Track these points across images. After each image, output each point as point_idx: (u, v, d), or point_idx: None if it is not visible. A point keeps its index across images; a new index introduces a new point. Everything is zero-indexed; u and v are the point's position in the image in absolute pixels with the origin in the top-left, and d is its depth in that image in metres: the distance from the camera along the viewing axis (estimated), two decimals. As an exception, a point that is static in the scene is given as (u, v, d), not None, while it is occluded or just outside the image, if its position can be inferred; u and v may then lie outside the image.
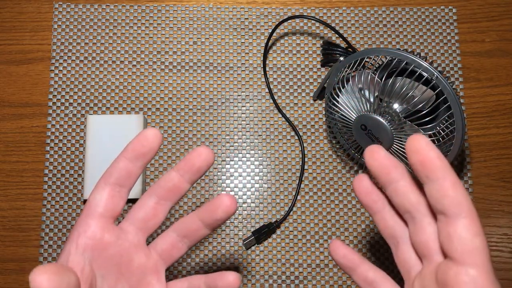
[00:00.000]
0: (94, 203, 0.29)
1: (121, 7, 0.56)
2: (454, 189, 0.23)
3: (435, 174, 0.23)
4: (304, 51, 0.56)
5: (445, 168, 0.23)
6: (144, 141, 0.28)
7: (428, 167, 0.23)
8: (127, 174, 0.29)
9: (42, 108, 0.54)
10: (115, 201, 0.29)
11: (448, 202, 0.23)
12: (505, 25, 0.57)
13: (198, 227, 0.31)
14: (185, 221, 0.31)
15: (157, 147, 0.29)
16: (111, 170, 0.29)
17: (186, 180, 0.30)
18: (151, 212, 0.30)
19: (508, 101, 0.55)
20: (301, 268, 0.51)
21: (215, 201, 0.30)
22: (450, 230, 0.23)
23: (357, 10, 0.57)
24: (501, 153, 0.54)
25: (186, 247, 0.32)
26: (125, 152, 0.29)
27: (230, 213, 0.30)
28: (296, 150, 0.54)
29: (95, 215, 0.29)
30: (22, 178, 0.52)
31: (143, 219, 0.30)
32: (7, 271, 0.50)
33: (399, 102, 0.44)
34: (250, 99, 0.55)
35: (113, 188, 0.29)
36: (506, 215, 0.52)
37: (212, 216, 0.30)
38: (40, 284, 0.22)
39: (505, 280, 0.51)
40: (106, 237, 0.29)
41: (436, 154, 0.23)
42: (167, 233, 0.31)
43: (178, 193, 0.30)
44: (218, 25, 0.56)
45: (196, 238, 0.31)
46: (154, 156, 0.29)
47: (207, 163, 0.29)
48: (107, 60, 0.55)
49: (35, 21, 0.56)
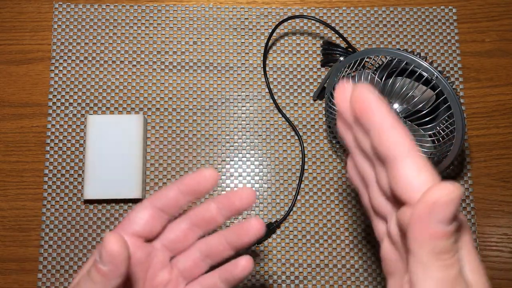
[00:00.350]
0: (134, 220, 0.29)
1: (121, 7, 0.56)
2: (391, 132, 0.22)
3: (374, 120, 0.23)
4: (304, 51, 0.56)
5: (382, 113, 0.22)
6: (201, 180, 0.29)
7: (366, 113, 0.23)
8: (175, 203, 0.29)
9: (42, 108, 0.54)
10: (154, 224, 0.30)
11: (386, 145, 0.22)
12: (505, 25, 0.57)
13: (224, 248, 0.31)
14: (210, 242, 0.31)
15: (211, 188, 0.29)
16: (161, 195, 0.29)
17: (223, 215, 0.30)
18: (182, 236, 0.31)
19: (508, 101, 0.55)
20: (301, 268, 0.51)
21: (244, 225, 0.30)
22: (394, 173, 0.22)
23: (357, 10, 0.57)
24: (501, 153, 0.54)
25: (207, 266, 0.32)
26: (180, 184, 0.29)
27: (259, 236, 0.30)
28: (296, 150, 0.54)
29: (130, 231, 0.29)
30: (22, 178, 0.52)
31: (173, 241, 0.31)
32: (7, 271, 0.50)
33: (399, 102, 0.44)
34: (250, 99, 0.55)
35: (156, 211, 0.29)
36: (506, 215, 0.52)
37: (241, 240, 0.30)
38: (113, 246, 0.24)
39: (505, 280, 0.51)
40: (138, 254, 0.29)
41: (374, 99, 0.23)
42: (190, 251, 0.32)
43: (211, 224, 0.31)
44: (218, 25, 0.56)
45: (220, 259, 0.31)
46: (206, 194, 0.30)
47: (247, 205, 0.30)
48: (107, 60, 0.55)
49: (35, 21, 0.56)
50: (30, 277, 0.50)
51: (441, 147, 0.44)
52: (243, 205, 0.29)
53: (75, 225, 0.51)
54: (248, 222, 0.30)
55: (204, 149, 0.53)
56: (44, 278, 0.50)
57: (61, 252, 0.51)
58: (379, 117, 0.22)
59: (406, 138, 0.22)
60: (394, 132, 0.22)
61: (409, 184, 0.21)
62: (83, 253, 0.51)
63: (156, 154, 0.53)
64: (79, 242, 0.51)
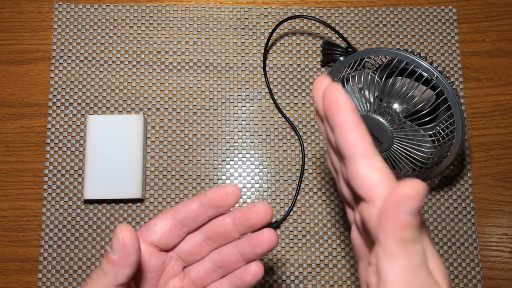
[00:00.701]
0: (153, 229, 0.29)
1: (121, 7, 0.56)
2: (351, 131, 0.23)
3: (338, 118, 0.24)
4: (304, 51, 0.56)
5: (346, 112, 0.24)
6: (224, 196, 0.29)
7: (332, 111, 0.24)
8: (195, 217, 0.30)
9: (42, 108, 0.54)
10: (172, 237, 0.30)
11: (346, 144, 0.23)
12: (505, 25, 0.57)
13: (237, 259, 0.31)
14: (223, 253, 0.31)
15: (233, 204, 0.29)
16: (182, 207, 0.30)
17: (238, 230, 0.30)
18: (196, 248, 0.31)
19: (508, 101, 0.55)
20: (301, 268, 0.51)
21: (258, 236, 0.30)
22: (352, 171, 0.24)
23: (357, 10, 0.57)
24: (501, 153, 0.54)
25: (219, 276, 0.32)
26: (203, 198, 0.29)
27: (272, 247, 0.30)
28: (296, 150, 0.54)
29: (148, 240, 0.29)
30: (22, 178, 0.52)
31: (187, 252, 0.31)
32: (7, 271, 0.50)
33: (399, 102, 0.44)
34: (250, 99, 0.55)
35: (176, 224, 0.30)
36: (506, 215, 0.52)
37: (254, 251, 0.30)
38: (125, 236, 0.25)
39: (505, 280, 0.51)
40: (153, 262, 0.30)
41: (342, 98, 0.24)
42: (203, 261, 0.32)
43: (226, 239, 0.31)
44: (218, 25, 0.56)
45: (232, 270, 0.31)
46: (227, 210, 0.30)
47: (263, 222, 0.30)
48: (107, 60, 0.55)
49: (35, 21, 0.56)
50: (30, 277, 0.50)
51: (441, 147, 0.44)
52: (259, 221, 0.30)
53: (75, 225, 0.51)
54: (262, 234, 0.30)
55: (204, 149, 0.53)
56: (44, 278, 0.50)
57: (61, 252, 0.51)
58: (342, 116, 0.24)
59: (365, 139, 0.24)
60: (354, 133, 0.23)
61: (363, 181, 0.23)
62: (83, 253, 0.51)
63: (156, 154, 0.53)
64: (79, 242, 0.51)
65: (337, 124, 0.24)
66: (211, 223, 0.31)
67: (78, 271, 0.50)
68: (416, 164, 0.45)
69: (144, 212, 0.52)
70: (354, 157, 0.23)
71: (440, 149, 0.44)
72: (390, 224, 0.21)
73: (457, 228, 0.52)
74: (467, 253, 0.51)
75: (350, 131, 0.23)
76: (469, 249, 0.51)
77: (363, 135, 0.23)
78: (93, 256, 0.51)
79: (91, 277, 0.27)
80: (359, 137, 0.23)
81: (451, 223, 0.52)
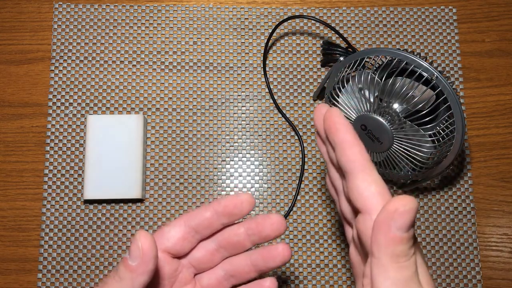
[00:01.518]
0: (167, 236, 0.30)
1: (121, 7, 0.56)
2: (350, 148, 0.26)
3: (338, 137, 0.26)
4: (304, 51, 0.56)
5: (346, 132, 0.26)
6: (238, 204, 0.29)
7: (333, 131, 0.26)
8: (208, 225, 0.30)
9: (42, 108, 0.54)
10: (185, 244, 0.30)
11: (345, 159, 0.26)
12: (505, 25, 0.57)
13: (250, 270, 0.31)
14: (236, 262, 0.31)
15: (246, 213, 0.30)
16: (196, 214, 0.30)
17: (250, 241, 0.31)
18: (209, 256, 0.31)
19: (508, 101, 0.55)
20: (301, 268, 0.51)
21: (272, 250, 0.30)
22: (350, 185, 0.25)
23: (357, 10, 0.57)
24: (501, 153, 0.54)
25: (230, 285, 0.32)
26: (217, 205, 0.30)
27: (285, 262, 0.31)
28: (296, 150, 0.54)
29: (162, 247, 0.30)
30: (22, 178, 0.52)
31: (199, 259, 0.31)
32: (7, 271, 0.50)
33: (399, 102, 0.44)
34: (250, 99, 0.55)
35: (189, 231, 0.30)
36: (506, 215, 0.52)
37: (267, 264, 0.31)
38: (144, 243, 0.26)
39: (505, 280, 0.51)
40: (165, 269, 0.30)
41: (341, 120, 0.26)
42: (216, 269, 0.32)
43: (238, 249, 0.31)
44: (218, 25, 0.56)
45: (243, 280, 0.32)
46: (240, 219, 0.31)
47: (276, 234, 0.30)
48: (107, 60, 0.55)
49: (35, 21, 0.56)
50: (30, 277, 0.50)
51: (441, 147, 0.44)
52: (273, 233, 0.30)
53: (75, 225, 0.51)
54: (276, 248, 0.30)
55: (204, 149, 0.53)
56: (44, 278, 0.50)
57: (61, 252, 0.51)
58: (342, 135, 0.26)
59: (363, 154, 0.26)
60: (354, 149, 0.26)
61: (361, 194, 0.25)
62: (83, 253, 0.51)
63: (156, 154, 0.53)
64: (79, 242, 0.51)
65: (337, 142, 0.26)
66: (224, 231, 0.31)
67: (78, 271, 0.50)
68: (416, 164, 0.45)
69: (144, 212, 0.52)
70: (353, 172, 0.25)
71: (440, 149, 0.44)
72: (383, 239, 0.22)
73: (457, 228, 0.52)
74: (467, 253, 0.51)
75: (349, 148, 0.26)
76: (469, 249, 0.51)
77: (361, 152, 0.26)
78: (93, 256, 0.51)
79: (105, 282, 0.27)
80: (358, 153, 0.25)
81: (451, 223, 0.52)
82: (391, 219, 0.22)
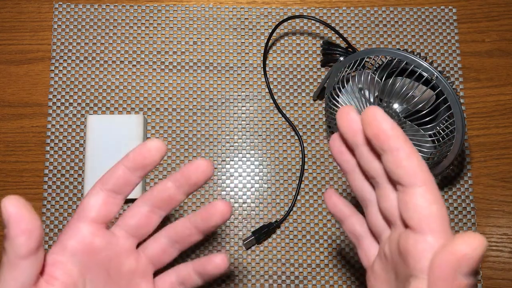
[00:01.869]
0: (88, 207, 0.28)
1: (121, 7, 0.56)
2: (408, 160, 0.23)
3: (389, 145, 0.23)
4: (304, 51, 0.56)
5: (398, 139, 0.23)
6: (146, 153, 0.28)
7: (382, 138, 0.24)
8: (125, 182, 0.29)
9: (42, 108, 0.54)
10: (109, 208, 0.29)
11: (403, 172, 0.23)
12: (505, 25, 0.57)
13: (191, 232, 0.30)
14: (177, 227, 0.31)
15: (159, 160, 0.28)
16: (109, 176, 0.28)
17: (182, 192, 0.29)
18: (144, 220, 0.30)
19: (508, 101, 0.55)
20: (301, 268, 0.51)
21: (210, 208, 0.29)
22: (407, 199, 0.23)
23: (357, 10, 0.57)
24: (501, 153, 0.54)
25: (177, 252, 0.31)
26: (125, 161, 0.28)
27: (225, 219, 0.29)
28: (296, 150, 0.54)
29: (87, 219, 0.28)
30: (22, 178, 0.52)
31: (135, 226, 0.30)
32: (7, 271, 0.50)
33: (399, 102, 0.44)
34: (250, 99, 0.55)
35: (108, 194, 0.29)
36: (506, 215, 0.52)
37: (207, 223, 0.30)
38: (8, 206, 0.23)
39: (505, 280, 0.51)
40: (97, 242, 0.28)
41: (389, 125, 0.23)
42: (158, 238, 0.31)
43: (172, 204, 0.30)
44: (218, 25, 0.56)
45: (188, 244, 0.31)
46: (155, 167, 0.29)
47: (204, 177, 0.29)
48: (107, 60, 0.55)
49: (35, 21, 0.56)
50: (30, 277, 0.50)
51: (441, 147, 0.44)
52: (199, 178, 0.28)
53: (75, 225, 0.51)
54: (214, 205, 0.29)
55: (204, 149, 0.53)
56: (44, 278, 0.50)
57: (61, 252, 0.50)
58: (395, 142, 0.23)
59: (423, 166, 0.23)
60: (412, 160, 0.23)
61: (419, 212, 0.23)
62: (83, 253, 0.51)
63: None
64: (79, 242, 0.51)
65: (389, 150, 0.23)
66: (153, 191, 0.29)
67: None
68: (416, 164, 0.45)
69: (144, 212, 0.52)
70: (412, 186, 0.23)
71: (440, 149, 0.44)
72: (444, 282, 0.21)
73: (457, 228, 0.52)
74: (467, 253, 0.51)
75: (407, 159, 0.23)
76: (469, 249, 0.51)
77: (420, 163, 0.23)
78: (93, 256, 0.50)
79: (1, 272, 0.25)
80: (417, 165, 0.23)
81: (451, 223, 0.52)
82: (458, 264, 0.20)
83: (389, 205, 0.26)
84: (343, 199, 0.32)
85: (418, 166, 0.23)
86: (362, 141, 0.26)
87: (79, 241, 0.28)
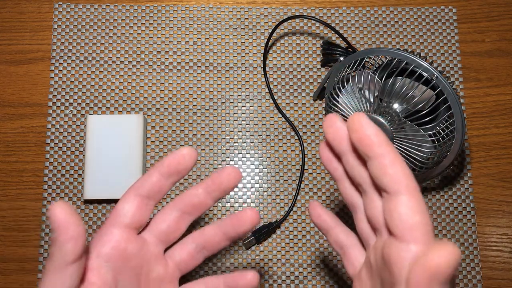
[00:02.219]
0: (122, 212, 0.29)
1: (121, 7, 0.56)
2: (392, 167, 0.23)
3: (374, 151, 0.24)
4: (304, 51, 0.56)
5: (383, 146, 0.23)
6: (181, 159, 0.29)
7: (366, 145, 0.24)
8: (159, 188, 0.29)
9: (42, 108, 0.54)
10: (142, 213, 0.29)
11: (387, 179, 0.23)
12: (505, 25, 0.57)
13: (220, 239, 0.31)
14: (205, 233, 0.31)
15: (192, 166, 0.29)
16: (143, 182, 0.29)
17: (211, 197, 0.30)
18: (173, 225, 0.30)
19: (508, 101, 0.55)
20: (301, 268, 0.51)
21: (240, 215, 0.30)
22: (391, 207, 0.23)
23: (357, 10, 0.57)
24: (501, 153, 0.54)
25: (203, 257, 0.32)
26: (160, 167, 0.29)
27: (254, 226, 0.30)
28: (296, 150, 0.54)
29: (121, 225, 0.29)
30: (22, 178, 0.52)
31: (165, 232, 0.30)
32: (7, 271, 0.50)
33: (399, 102, 0.44)
34: (250, 99, 0.55)
35: (142, 200, 0.29)
36: (506, 215, 0.52)
37: (236, 230, 0.30)
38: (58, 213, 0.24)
39: (505, 280, 0.51)
40: (130, 248, 0.29)
41: (373, 131, 0.24)
42: (186, 243, 0.31)
43: (201, 209, 0.30)
44: (218, 25, 0.56)
45: (216, 250, 0.31)
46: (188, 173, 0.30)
47: (234, 183, 0.30)
48: (107, 60, 0.55)
49: (35, 21, 0.56)
50: (30, 277, 0.50)
51: (441, 147, 0.44)
52: (230, 184, 0.29)
53: (75, 225, 0.51)
54: (243, 212, 0.30)
55: (204, 149, 0.53)
56: (44, 278, 0.50)
57: (61, 252, 0.50)
58: (379, 149, 0.24)
59: (407, 175, 0.23)
60: (396, 168, 0.23)
61: (403, 221, 0.23)
62: (83, 253, 0.51)
63: (156, 154, 0.53)
64: (79, 242, 0.51)
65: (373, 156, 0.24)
66: (183, 197, 0.30)
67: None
68: (416, 164, 0.45)
69: (144, 212, 0.52)
70: (396, 194, 0.23)
71: (440, 149, 0.44)
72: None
73: (457, 228, 0.52)
74: (467, 253, 0.51)
75: (391, 166, 0.23)
76: (469, 249, 0.51)
77: (404, 170, 0.23)
78: (93, 256, 0.51)
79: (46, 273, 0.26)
80: (401, 171, 0.23)
81: (451, 223, 0.52)
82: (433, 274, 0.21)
83: (375, 212, 0.26)
84: (327, 211, 0.33)
85: (402, 173, 0.23)
86: (348, 149, 0.26)
87: (114, 247, 0.28)
